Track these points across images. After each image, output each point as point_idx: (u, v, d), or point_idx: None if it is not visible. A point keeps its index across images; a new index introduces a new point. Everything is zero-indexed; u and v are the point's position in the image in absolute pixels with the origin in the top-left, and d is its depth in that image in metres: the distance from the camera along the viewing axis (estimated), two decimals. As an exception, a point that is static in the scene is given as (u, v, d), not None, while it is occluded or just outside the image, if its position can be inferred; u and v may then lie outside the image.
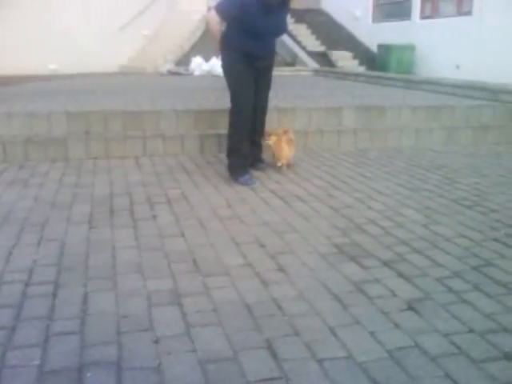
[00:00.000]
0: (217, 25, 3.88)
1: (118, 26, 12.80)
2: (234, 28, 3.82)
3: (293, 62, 12.77)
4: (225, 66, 3.94)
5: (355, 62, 12.99)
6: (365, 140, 5.30)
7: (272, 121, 4.73)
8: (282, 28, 4.01)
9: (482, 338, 1.91)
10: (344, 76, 10.37)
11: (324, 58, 13.10)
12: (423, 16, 12.14)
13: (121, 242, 2.78)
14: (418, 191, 3.79)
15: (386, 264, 2.53)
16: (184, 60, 12.43)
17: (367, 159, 4.79)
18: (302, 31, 14.11)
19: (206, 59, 11.24)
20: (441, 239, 2.86)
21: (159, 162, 4.57)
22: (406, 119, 5.59)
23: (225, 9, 3.77)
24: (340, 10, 14.89)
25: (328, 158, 4.79)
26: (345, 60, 12.92)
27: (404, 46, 11.83)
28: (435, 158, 4.88)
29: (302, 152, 4.94)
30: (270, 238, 2.85)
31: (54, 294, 2.19)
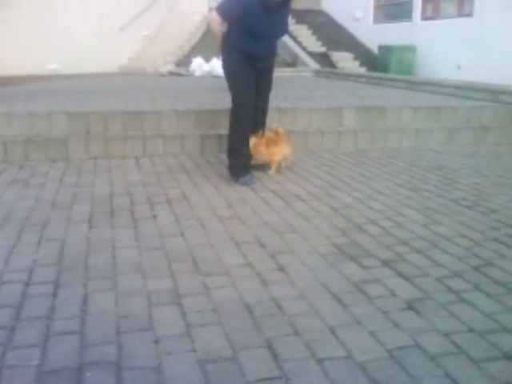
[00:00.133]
0: (218, 26, 3.86)
1: (119, 26, 12.82)
2: (235, 29, 3.82)
3: (293, 62, 12.77)
4: (225, 66, 3.94)
5: (356, 63, 12.99)
6: (365, 140, 5.30)
7: (273, 121, 4.74)
8: (283, 29, 4.00)
9: (481, 337, 1.91)
10: (345, 77, 10.37)
11: (325, 59, 13.11)
12: (424, 17, 12.14)
13: (121, 241, 2.78)
14: (418, 191, 3.79)
15: (386, 264, 2.53)
16: (184, 61, 12.45)
17: (367, 159, 4.79)
18: (303, 32, 14.12)
19: (207, 60, 11.24)
20: (441, 239, 2.86)
21: (159, 162, 4.57)
22: (406, 120, 5.59)
23: (226, 10, 3.77)
24: (341, 11, 14.90)
25: (328, 159, 4.79)
26: (345, 61, 12.92)
27: (405, 46, 11.83)
28: (435, 159, 4.88)
29: (302, 152, 4.95)
30: (270, 237, 2.85)
31: (54, 294, 2.19)
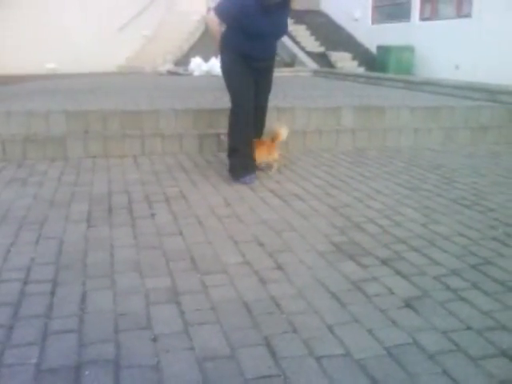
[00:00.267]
0: (216, 26, 3.85)
1: (117, 26, 12.81)
2: (233, 29, 3.80)
3: (292, 62, 12.78)
4: (224, 67, 3.91)
5: (354, 63, 13.00)
6: (363, 140, 5.30)
7: (271, 120, 4.72)
8: (282, 29, 3.95)
9: (479, 335, 1.91)
10: (343, 77, 10.38)
11: (323, 59, 13.11)
12: (422, 17, 12.15)
13: (119, 240, 2.78)
14: (417, 190, 3.79)
15: (384, 262, 2.53)
16: (183, 60, 12.45)
17: (366, 159, 4.79)
18: (302, 32, 14.12)
19: (205, 60, 11.25)
20: (439, 238, 2.87)
21: (158, 160, 4.57)
22: (404, 119, 5.60)
23: (224, 10, 3.75)
24: (339, 11, 14.90)
25: (327, 158, 4.79)
26: (344, 61, 12.93)
27: (403, 47, 11.84)
28: (434, 158, 4.88)
29: (300, 152, 4.95)
30: (268, 236, 2.85)
31: (52, 293, 2.19)
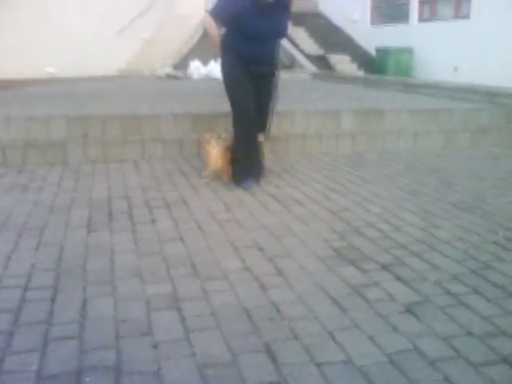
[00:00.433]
0: (214, 30, 3.80)
1: (116, 29, 12.82)
2: (231, 31, 3.80)
3: (291, 65, 12.79)
4: (224, 71, 3.91)
5: (354, 66, 13.01)
6: (363, 143, 5.31)
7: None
8: (279, 31, 3.88)
9: (480, 341, 1.91)
10: (342, 79, 10.38)
11: (322, 62, 13.12)
12: (421, 19, 12.18)
13: (119, 245, 2.78)
14: (416, 194, 3.80)
15: (385, 267, 2.53)
16: (182, 64, 12.44)
17: (365, 162, 4.80)
18: (300, 34, 14.13)
19: (204, 63, 11.25)
20: (439, 242, 2.87)
21: (158, 165, 4.57)
22: (404, 122, 5.60)
23: (219, 12, 3.73)
24: (338, 14, 14.92)
25: (326, 162, 4.79)
26: (343, 63, 12.94)
27: (402, 49, 11.86)
28: (433, 161, 4.89)
29: (300, 155, 4.95)
30: (268, 241, 2.85)
31: (53, 299, 2.19)
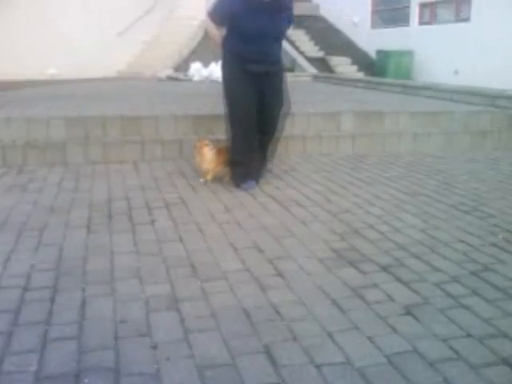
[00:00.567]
0: (214, 30, 3.85)
1: (117, 31, 12.83)
2: (229, 31, 3.82)
3: (291, 67, 12.80)
4: (223, 69, 3.93)
5: (354, 68, 13.04)
6: (363, 145, 5.31)
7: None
8: (275, 31, 3.81)
9: (480, 342, 1.91)
10: (343, 82, 10.39)
11: (323, 64, 13.15)
12: (421, 22, 12.20)
13: (119, 246, 2.77)
14: (416, 196, 3.79)
15: (384, 269, 2.53)
16: (183, 66, 12.47)
17: (365, 164, 4.80)
18: (301, 37, 14.17)
19: (205, 65, 11.26)
20: (439, 244, 2.86)
21: (158, 166, 4.57)
22: (404, 124, 5.60)
23: (217, 13, 3.77)
24: (339, 17, 14.96)
25: (326, 163, 4.79)
26: (343, 66, 12.97)
27: (402, 51, 11.89)
28: (433, 164, 4.89)
29: (300, 157, 4.95)
30: (268, 242, 2.85)
31: (52, 299, 2.19)
